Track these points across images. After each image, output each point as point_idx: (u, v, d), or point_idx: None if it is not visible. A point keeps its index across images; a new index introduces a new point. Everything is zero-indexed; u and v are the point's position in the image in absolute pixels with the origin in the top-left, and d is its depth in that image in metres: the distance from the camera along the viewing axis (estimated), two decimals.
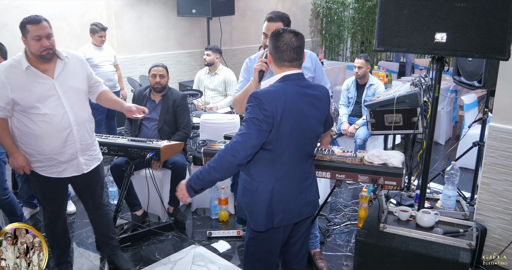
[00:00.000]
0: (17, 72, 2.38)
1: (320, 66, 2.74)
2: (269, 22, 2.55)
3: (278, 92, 1.86)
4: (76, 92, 2.50)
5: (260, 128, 1.81)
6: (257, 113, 1.81)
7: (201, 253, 3.14)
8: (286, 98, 1.86)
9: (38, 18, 2.36)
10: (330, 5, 8.02)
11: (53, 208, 2.66)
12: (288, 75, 1.94)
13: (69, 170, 2.54)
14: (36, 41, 2.33)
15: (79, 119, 2.49)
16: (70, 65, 2.50)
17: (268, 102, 1.82)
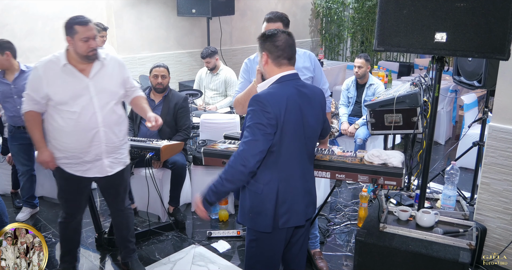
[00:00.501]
0: (54, 68, 2.41)
1: (319, 66, 2.75)
2: (268, 23, 2.55)
3: (279, 94, 1.86)
4: (109, 94, 2.50)
5: (265, 133, 1.81)
6: (260, 117, 1.81)
7: (201, 253, 3.14)
8: (287, 99, 1.86)
9: (86, 19, 2.40)
10: (330, 5, 8.02)
11: (69, 209, 2.66)
12: (285, 76, 1.94)
13: (93, 170, 2.55)
14: (84, 42, 2.37)
15: (107, 121, 2.49)
16: (107, 67, 2.52)
17: (270, 104, 1.82)
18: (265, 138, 1.81)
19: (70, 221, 2.68)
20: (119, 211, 2.83)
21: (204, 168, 3.68)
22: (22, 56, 4.78)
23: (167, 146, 3.01)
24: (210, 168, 3.66)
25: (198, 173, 3.73)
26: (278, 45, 1.93)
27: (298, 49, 2.71)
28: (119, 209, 2.82)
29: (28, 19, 4.80)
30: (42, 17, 4.91)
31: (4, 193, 4.06)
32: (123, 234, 2.88)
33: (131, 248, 2.92)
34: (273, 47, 1.94)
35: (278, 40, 1.93)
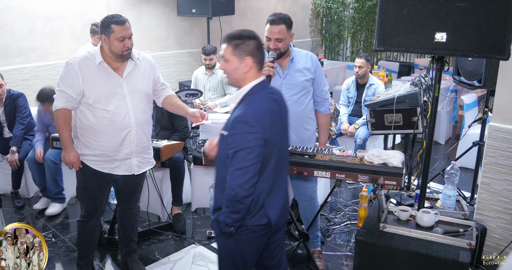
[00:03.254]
0: (90, 65, 2.41)
1: (320, 68, 2.75)
2: (271, 25, 2.53)
3: (260, 108, 1.76)
4: (141, 94, 2.51)
5: (255, 156, 1.71)
6: (249, 140, 1.70)
7: (201, 253, 3.14)
8: (269, 113, 1.77)
9: (123, 18, 2.40)
10: (330, 5, 8.02)
11: (89, 207, 2.65)
12: (257, 85, 1.82)
13: (121, 168, 2.56)
14: (120, 41, 2.37)
15: (139, 121, 2.50)
16: (140, 67, 2.52)
17: (256, 123, 1.71)
18: (256, 161, 1.71)
19: (88, 220, 2.67)
20: (129, 209, 2.83)
21: (204, 168, 3.68)
22: (22, 56, 4.79)
23: (167, 146, 3.01)
24: (210, 168, 3.66)
25: (198, 173, 3.73)
26: (261, 47, 1.81)
27: (300, 50, 2.72)
28: (130, 207, 2.82)
29: (28, 19, 4.80)
30: (42, 17, 4.90)
31: (4, 193, 4.06)
32: (128, 232, 2.88)
33: (133, 248, 2.92)
34: (258, 50, 1.79)
35: (259, 42, 1.80)
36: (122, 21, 2.38)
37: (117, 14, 2.41)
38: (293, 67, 2.65)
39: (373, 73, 5.45)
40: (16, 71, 4.73)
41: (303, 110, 2.70)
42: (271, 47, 2.55)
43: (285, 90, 2.63)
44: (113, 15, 2.41)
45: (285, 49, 2.58)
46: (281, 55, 2.60)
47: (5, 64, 4.64)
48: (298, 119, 2.66)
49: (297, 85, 2.65)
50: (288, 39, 2.57)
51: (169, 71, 6.17)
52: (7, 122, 3.85)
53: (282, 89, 2.64)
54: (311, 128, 2.81)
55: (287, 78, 2.65)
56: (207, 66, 4.83)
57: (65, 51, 5.08)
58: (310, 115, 2.79)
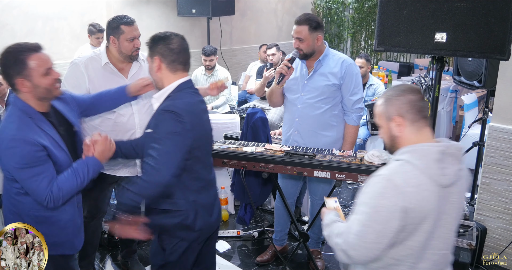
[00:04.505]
0: (95, 66, 2.41)
1: (351, 75, 2.59)
2: (295, 25, 2.55)
3: (189, 102, 1.78)
4: (145, 96, 2.49)
5: (181, 143, 1.71)
6: (176, 126, 1.70)
7: None
8: (194, 108, 1.80)
9: (131, 19, 2.40)
10: (330, 5, 8.02)
11: (91, 208, 2.64)
12: (183, 83, 1.84)
13: (124, 170, 2.55)
14: (130, 42, 2.37)
15: (143, 123, 2.48)
16: (144, 68, 2.51)
17: (185, 113, 1.72)
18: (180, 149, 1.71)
19: (89, 221, 2.65)
20: None
21: None
22: None
23: None
24: None
25: None
26: (173, 48, 1.80)
27: (337, 54, 2.64)
28: None
29: (28, 19, 4.80)
30: (42, 17, 4.90)
31: None
32: None
33: (133, 248, 2.92)
34: (166, 50, 1.80)
35: (172, 43, 1.80)
36: (131, 22, 2.38)
37: (125, 15, 2.41)
38: (319, 70, 2.60)
39: (373, 73, 5.45)
40: None
41: (319, 115, 2.63)
42: (293, 46, 2.57)
43: (304, 92, 2.62)
44: (121, 16, 2.40)
45: (309, 51, 2.55)
46: (306, 56, 2.58)
47: None
48: (311, 123, 2.64)
49: (317, 89, 2.59)
50: (312, 40, 2.52)
51: None
52: None
53: (301, 91, 2.63)
54: (332, 135, 2.68)
55: (309, 80, 2.61)
56: (206, 67, 4.83)
57: (65, 51, 5.07)
58: (332, 122, 2.67)
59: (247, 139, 3.14)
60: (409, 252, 1.44)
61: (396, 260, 1.45)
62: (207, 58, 4.75)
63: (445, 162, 1.42)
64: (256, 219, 3.54)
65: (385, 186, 1.39)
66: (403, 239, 1.42)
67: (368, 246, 1.39)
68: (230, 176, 3.66)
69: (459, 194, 1.49)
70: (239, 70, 6.67)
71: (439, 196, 1.41)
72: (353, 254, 1.42)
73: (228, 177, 3.68)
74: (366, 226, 1.40)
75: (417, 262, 1.45)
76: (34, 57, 1.72)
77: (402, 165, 1.42)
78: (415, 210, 1.38)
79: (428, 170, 1.40)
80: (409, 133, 1.47)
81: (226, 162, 2.46)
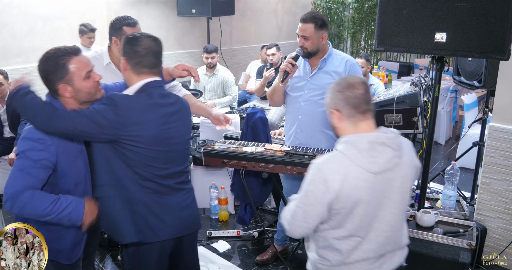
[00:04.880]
0: (98, 66, 2.38)
1: (355, 74, 2.58)
2: (301, 23, 2.55)
3: (140, 102, 1.71)
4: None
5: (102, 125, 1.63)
6: (107, 113, 1.64)
7: (201, 253, 3.13)
8: (149, 109, 1.72)
9: (134, 20, 2.39)
10: (330, 5, 8.02)
11: None
12: (148, 83, 1.77)
13: None
14: None
15: None
16: None
17: (125, 108, 1.66)
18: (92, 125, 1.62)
19: None
20: None
21: (204, 168, 3.68)
22: (22, 56, 4.79)
23: None
24: (210, 168, 3.66)
25: (198, 173, 3.73)
26: (138, 51, 1.75)
27: (340, 54, 2.65)
28: None
29: (28, 19, 4.80)
30: (42, 17, 4.90)
31: None
32: None
33: None
34: (131, 52, 1.76)
35: (138, 45, 1.75)
36: (133, 23, 2.38)
37: (128, 16, 2.41)
38: (323, 69, 2.61)
39: (373, 73, 5.45)
40: (16, 71, 4.73)
41: (322, 113, 2.59)
42: (298, 44, 2.58)
43: (308, 90, 2.62)
44: (123, 17, 2.40)
45: (313, 49, 2.56)
46: (310, 55, 2.58)
47: (5, 64, 4.64)
48: (314, 120, 2.63)
49: (321, 87, 2.58)
50: (317, 39, 2.53)
51: None
52: (9, 122, 3.85)
53: (305, 88, 2.63)
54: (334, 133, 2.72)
55: (313, 78, 2.62)
56: (208, 65, 4.83)
57: None
58: None
59: (247, 139, 3.13)
60: (348, 233, 1.59)
61: (338, 240, 1.61)
62: (209, 56, 4.77)
63: (375, 151, 1.55)
64: (256, 219, 3.54)
65: (315, 173, 1.55)
66: (342, 221, 1.58)
67: (297, 224, 1.59)
68: (230, 176, 3.66)
69: (401, 179, 1.59)
70: (239, 70, 6.67)
71: (373, 182, 1.54)
72: (288, 229, 1.63)
73: (228, 177, 3.68)
74: (297, 206, 1.59)
75: (362, 243, 1.59)
76: (74, 61, 1.71)
77: (335, 155, 1.58)
78: (344, 196, 1.52)
79: (357, 159, 1.53)
80: (346, 126, 1.62)
81: (226, 162, 2.45)
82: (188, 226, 1.93)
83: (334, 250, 1.63)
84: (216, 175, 3.72)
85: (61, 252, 1.88)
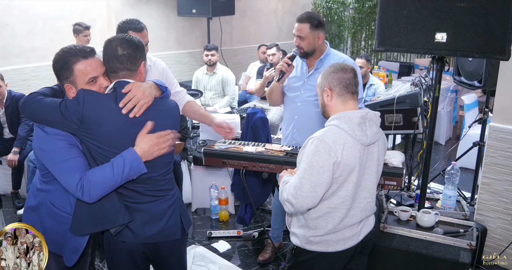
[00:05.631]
0: None
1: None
2: (297, 23, 2.57)
3: (107, 101, 1.66)
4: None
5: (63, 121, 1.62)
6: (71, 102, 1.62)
7: (201, 253, 3.14)
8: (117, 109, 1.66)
9: (141, 25, 2.36)
10: (330, 5, 8.02)
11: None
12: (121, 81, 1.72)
13: None
14: None
15: None
16: (150, 73, 2.48)
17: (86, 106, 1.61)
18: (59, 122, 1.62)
19: None
20: None
21: (204, 168, 3.67)
22: (22, 56, 4.79)
23: None
24: (210, 168, 3.66)
25: (198, 173, 3.73)
26: (104, 54, 1.74)
27: (338, 54, 2.64)
28: None
29: (28, 19, 4.80)
30: (42, 17, 4.91)
31: (4, 193, 4.06)
32: None
33: None
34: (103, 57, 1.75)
35: (105, 48, 1.73)
36: (140, 28, 2.35)
37: (135, 20, 2.38)
38: (319, 69, 2.60)
39: (373, 73, 5.45)
40: (16, 72, 4.74)
41: (319, 113, 2.58)
42: (294, 44, 2.58)
43: (304, 90, 2.62)
44: (131, 20, 2.37)
45: (310, 49, 2.56)
46: (307, 55, 2.59)
47: (5, 65, 4.64)
48: (310, 121, 2.63)
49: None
50: (313, 39, 2.53)
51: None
52: (8, 123, 3.85)
53: (301, 89, 2.63)
54: None
55: (310, 78, 2.62)
56: (208, 63, 4.84)
57: None
58: None
59: (247, 139, 3.13)
60: (341, 201, 1.76)
61: (331, 208, 1.77)
62: (209, 53, 4.79)
63: (365, 125, 1.76)
64: (256, 219, 3.55)
65: (317, 145, 1.69)
66: (336, 190, 1.74)
67: (305, 194, 1.69)
68: (230, 176, 3.66)
69: (378, 152, 1.84)
70: (239, 70, 6.67)
71: (362, 153, 1.76)
72: (294, 202, 1.70)
73: (228, 177, 3.68)
74: (303, 178, 1.70)
75: (350, 209, 1.78)
76: (81, 63, 1.67)
77: (331, 128, 1.75)
78: (343, 164, 1.70)
79: (351, 131, 1.73)
80: (336, 103, 1.81)
81: (226, 162, 2.45)
82: (159, 235, 1.82)
83: (329, 218, 1.77)
84: (216, 175, 3.72)
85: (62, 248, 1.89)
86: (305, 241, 1.83)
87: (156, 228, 1.82)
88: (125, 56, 1.70)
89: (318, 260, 1.83)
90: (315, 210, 1.78)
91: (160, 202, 1.83)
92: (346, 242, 1.81)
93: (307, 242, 1.83)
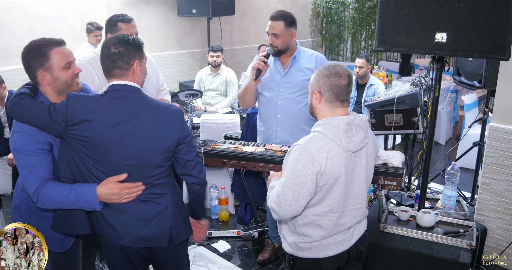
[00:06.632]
0: (96, 66, 2.41)
1: None
2: (271, 21, 2.59)
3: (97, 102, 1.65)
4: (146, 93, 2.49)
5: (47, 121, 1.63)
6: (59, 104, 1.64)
7: (201, 253, 3.14)
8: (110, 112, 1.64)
9: (129, 17, 2.44)
10: (330, 5, 8.02)
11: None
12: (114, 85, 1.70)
13: None
14: None
15: None
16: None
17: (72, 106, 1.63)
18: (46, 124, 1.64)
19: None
20: None
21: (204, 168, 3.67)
22: None
23: None
24: (211, 168, 3.66)
25: None
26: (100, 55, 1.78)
27: (308, 50, 2.70)
28: None
29: (28, 19, 4.80)
30: (42, 17, 4.91)
31: (4, 193, 4.06)
32: None
33: None
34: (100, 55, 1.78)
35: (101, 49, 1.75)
36: (128, 20, 2.42)
37: (123, 13, 2.46)
38: (294, 66, 2.65)
39: (373, 73, 5.45)
40: (16, 72, 4.73)
41: (300, 110, 2.67)
42: (268, 42, 2.60)
43: (283, 88, 2.64)
44: (119, 14, 2.45)
45: (284, 47, 2.58)
46: (280, 53, 2.61)
47: (6, 64, 4.64)
48: (294, 118, 2.66)
49: (296, 84, 2.64)
50: (287, 37, 2.56)
51: (170, 72, 6.17)
52: (9, 123, 3.85)
53: (280, 87, 2.65)
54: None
55: (286, 76, 2.65)
56: (213, 64, 4.87)
57: None
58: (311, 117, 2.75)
59: (247, 139, 3.13)
60: (329, 208, 1.73)
61: (318, 216, 1.74)
62: (214, 54, 4.83)
63: (351, 131, 1.71)
64: (256, 219, 3.54)
65: (300, 153, 1.66)
66: (323, 198, 1.71)
67: (288, 204, 1.67)
68: (230, 176, 3.66)
69: (367, 157, 1.79)
70: (239, 70, 6.67)
71: (349, 160, 1.71)
72: (278, 210, 1.69)
73: (228, 177, 3.68)
74: (286, 187, 1.67)
75: (340, 217, 1.76)
76: (56, 50, 1.77)
77: (316, 135, 1.71)
78: (327, 172, 1.66)
79: (336, 138, 1.68)
80: (324, 108, 1.76)
81: (226, 162, 2.45)
82: (143, 240, 1.79)
83: (316, 226, 1.75)
84: (216, 175, 3.72)
85: (51, 239, 1.91)
86: (295, 247, 1.81)
87: (140, 232, 1.78)
88: (116, 54, 1.69)
89: (313, 268, 1.81)
90: (302, 217, 1.76)
91: (146, 205, 1.78)
92: (337, 247, 1.79)
93: (297, 249, 1.81)
